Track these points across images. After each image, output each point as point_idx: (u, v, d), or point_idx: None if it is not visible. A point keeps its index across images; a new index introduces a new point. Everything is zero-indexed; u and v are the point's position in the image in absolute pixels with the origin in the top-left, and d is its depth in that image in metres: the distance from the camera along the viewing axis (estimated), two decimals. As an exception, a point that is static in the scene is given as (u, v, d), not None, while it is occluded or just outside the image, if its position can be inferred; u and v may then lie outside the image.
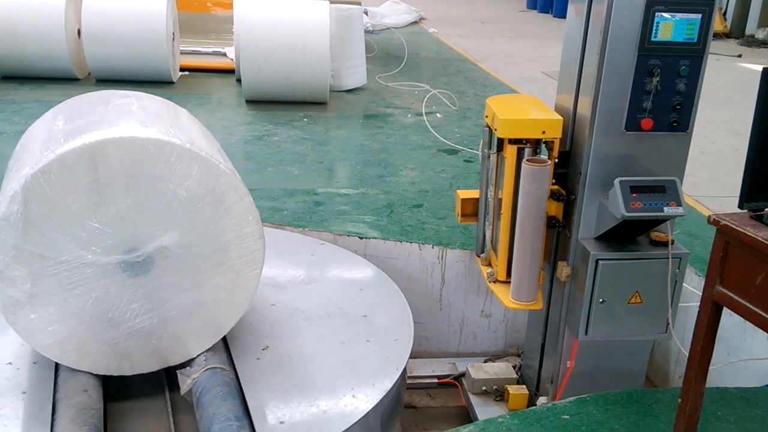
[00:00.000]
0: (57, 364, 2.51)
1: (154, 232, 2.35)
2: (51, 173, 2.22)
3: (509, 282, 3.02)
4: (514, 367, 3.70)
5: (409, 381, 3.41)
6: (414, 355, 2.90)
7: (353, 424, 2.36)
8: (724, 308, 2.04)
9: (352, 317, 3.08)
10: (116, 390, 2.57)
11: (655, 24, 2.54)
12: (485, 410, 3.45)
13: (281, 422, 2.37)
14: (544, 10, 19.29)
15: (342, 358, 2.77)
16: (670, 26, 2.55)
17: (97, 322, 2.41)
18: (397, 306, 3.21)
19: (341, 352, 2.81)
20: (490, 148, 3.03)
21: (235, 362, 2.68)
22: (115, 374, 2.52)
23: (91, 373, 2.48)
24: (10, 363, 2.58)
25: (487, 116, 3.03)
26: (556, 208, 2.95)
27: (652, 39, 2.55)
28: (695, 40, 2.58)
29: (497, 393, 3.55)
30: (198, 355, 2.60)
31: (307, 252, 3.74)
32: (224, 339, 2.75)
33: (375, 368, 2.72)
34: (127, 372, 2.53)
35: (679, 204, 2.58)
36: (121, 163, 2.27)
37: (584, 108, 2.77)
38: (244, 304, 2.63)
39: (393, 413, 2.75)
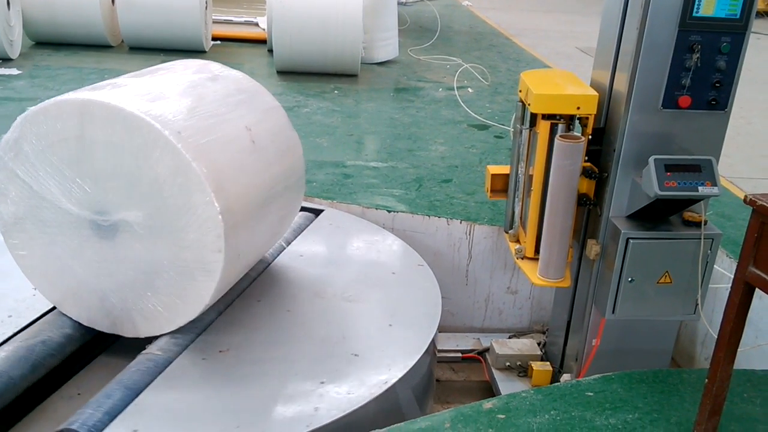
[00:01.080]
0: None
1: (121, 203, 2.40)
2: (46, 115, 2.35)
3: (537, 259, 3.01)
4: (539, 344, 3.70)
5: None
6: (439, 330, 2.92)
7: (380, 396, 2.39)
8: (755, 290, 2.01)
9: (380, 291, 3.10)
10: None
11: (697, -1, 2.48)
12: (508, 385, 3.46)
13: (312, 389, 2.41)
14: (581, -16, 18.91)
15: (370, 331, 2.79)
16: (712, 1, 2.49)
17: (63, 266, 2.56)
18: (426, 281, 3.22)
19: (369, 325, 2.83)
20: (522, 123, 3.01)
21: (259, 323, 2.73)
22: (76, 318, 2.66)
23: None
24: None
25: (520, 91, 2.99)
26: (587, 186, 2.92)
27: (694, 14, 2.49)
28: (738, 17, 2.52)
29: (521, 369, 3.57)
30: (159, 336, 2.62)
31: (335, 225, 3.76)
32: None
33: (403, 342, 2.74)
34: (84, 321, 2.66)
35: (714, 184, 2.54)
36: (103, 129, 2.32)
37: (621, 84, 2.72)
38: (193, 311, 2.52)
39: (424, 387, 2.78)
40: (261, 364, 2.53)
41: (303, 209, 3.78)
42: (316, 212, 3.86)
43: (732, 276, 2.06)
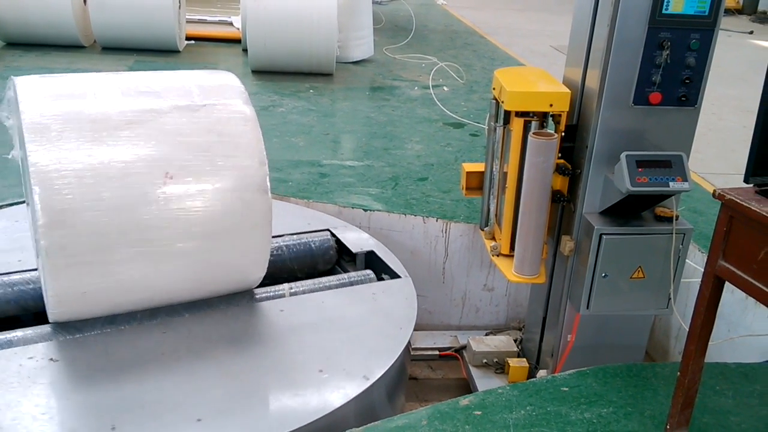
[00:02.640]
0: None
1: None
2: None
3: (512, 256, 3.03)
4: (515, 341, 3.72)
5: (411, 353, 3.43)
6: (416, 328, 2.91)
7: (356, 396, 2.38)
8: (726, 284, 2.04)
9: (355, 290, 3.09)
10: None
11: (666, -4, 2.51)
12: (485, 382, 3.48)
13: (285, 391, 2.39)
14: (555, -17, 19.05)
15: (345, 330, 2.78)
16: (681, -1, 2.52)
17: None
18: (399, 279, 3.21)
19: (344, 324, 2.82)
20: (496, 121, 3.02)
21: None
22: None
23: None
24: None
25: (494, 88, 3.01)
26: (561, 182, 2.94)
27: (664, 11, 2.52)
28: (707, 13, 2.55)
29: (498, 365, 3.58)
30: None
31: (309, 225, 3.74)
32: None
33: (379, 341, 2.73)
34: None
35: (685, 179, 2.57)
36: None
37: (592, 81, 2.75)
38: None
39: (397, 386, 2.78)
40: (226, 366, 2.51)
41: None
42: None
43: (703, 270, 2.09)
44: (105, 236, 2.36)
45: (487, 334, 3.91)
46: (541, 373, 3.27)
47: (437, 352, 3.83)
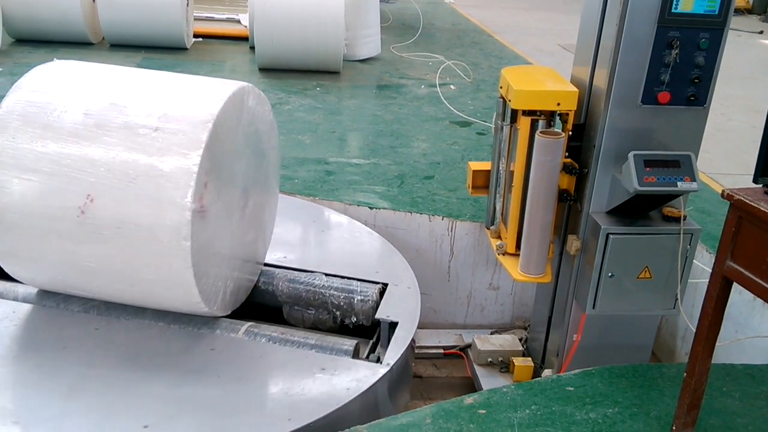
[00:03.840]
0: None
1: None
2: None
3: (518, 255, 3.02)
4: (520, 340, 3.71)
5: (415, 351, 3.43)
6: (421, 326, 2.92)
7: (361, 393, 2.38)
8: (734, 285, 2.03)
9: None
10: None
11: (676, -6, 2.49)
12: (490, 381, 3.47)
13: (290, 390, 2.39)
14: (563, -18, 18.98)
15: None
16: (691, -3, 2.50)
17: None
18: (404, 277, 3.21)
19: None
20: (503, 120, 3.01)
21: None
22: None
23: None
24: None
25: (501, 87, 3.00)
26: (568, 182, 2.93)
27: (673, 10, 2.50)
28: (716, 13, 2.53)
29: (502, 365, 3.57)
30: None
31: (316, 221, 3.74)
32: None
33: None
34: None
35: (693, 179, 2.55)
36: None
37: (601, 80, 2.73)
38: None
39: (401, 383, 2.77)
40: (236, 363, 2.51)
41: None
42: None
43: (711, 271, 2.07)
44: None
45: (492, 333, 3.89)
46: (546, 372, 3.26)
47: (442, 351, 3.83)
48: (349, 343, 2.65)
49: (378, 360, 2.59)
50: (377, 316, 2.83)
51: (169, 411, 2.23)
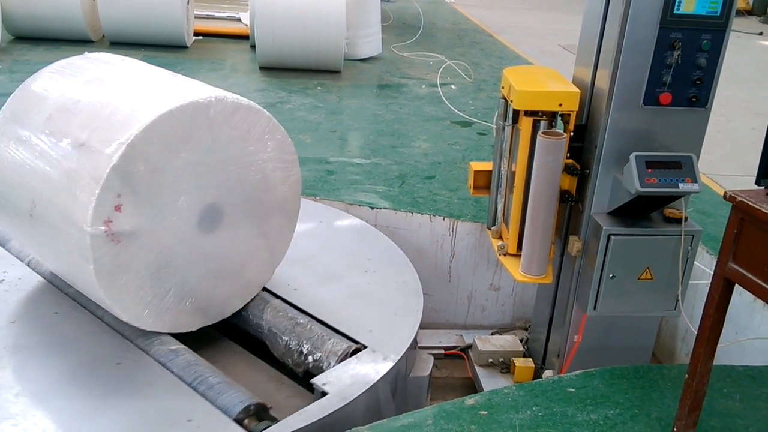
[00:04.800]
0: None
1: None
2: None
3: (520, 255, 3.02)
4: (521, 341, 3.71)
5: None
6: (422, 326, 2.92)
7: (362, 394, 2.38)
8: (735, 286, 2.03)
9: (362, 287, 3.09)
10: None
11: (678, -4, 2.49)
12: (491, 381, 3.47)
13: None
14: (564, -18, 18.97)
15: (351, 328, 2.78)
16: (693, -1, 2.50)
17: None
18: (407, 278, 3.21)
19: (350, 321, 2.82)
20: (505, 120, 3.01)
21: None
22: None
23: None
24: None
25: (503, 87, 3.00)
26: (569, 182, 2.93)
27: (675, 11, 2.50)
28: (718, 14, 2.54)
29: (503, 365, 3.57)
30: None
31: (318, 220, 3.74)
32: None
33: (385, 339, 2.73)
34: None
35: (694, 180, 2.55)
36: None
37: (602, 81, 2.73)
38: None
39: (404, 383, 2.77)
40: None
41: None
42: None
43: (712, 272, 2.07)
44: None
45: (493, 334, 3.90)
46: (547, 373, 3.26)
47: (443, 351, 3.83)
48: (242, 401, 2.26)
49: None
50: (313, 380, 2.46)
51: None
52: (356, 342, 2.68)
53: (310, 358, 2.61)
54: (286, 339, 2.69)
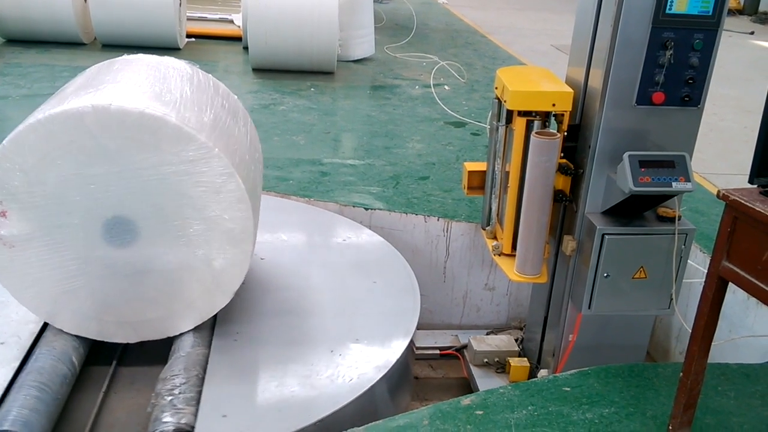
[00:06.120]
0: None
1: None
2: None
3: (514, 255, 3.02)
4: (516, 340, 3.72)
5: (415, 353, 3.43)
6: (417, 327, 2.92)
7: (360, 395, 2.38)
8: (728, 285, 2.04)
9: (358, 288, 3.09)
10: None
11: (670, -5, 2.50)
12: (486, 381, 3.47)
13: (290, 391, 2.39)
14: (556, -18, 19.02)
15: (348, 329, 2.78)
16: (685, -2, 2.51)
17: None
18: (404, 278, 3.21)
19: (347, 323, 2.82)
20: (498, 120, 3.02)
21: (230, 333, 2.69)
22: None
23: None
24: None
25: (496, 87, 3.00)
26: (563, 182, 2.93)
27: (667, 11, 2.51)
28: (710, 13, 2.55)
29: (498, 365, 3.58)
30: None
31: (313, 222, 3.74)
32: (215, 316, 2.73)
33: (382, 340, 2.73)
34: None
35: (687, 179, 2.57)
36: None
37: (595, 81, 2.74)
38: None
39: (401, 384, 2.77)
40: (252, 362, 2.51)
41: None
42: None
43: (705, 271, 2.08)
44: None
45: (488, 334, 3.90)
46: (542, 372, 3.27)
47: (438, 351, 3.83)
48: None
49: None
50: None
51: None
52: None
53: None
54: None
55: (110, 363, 2.71)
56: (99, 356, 2.72)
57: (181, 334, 2.65)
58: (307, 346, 2.66)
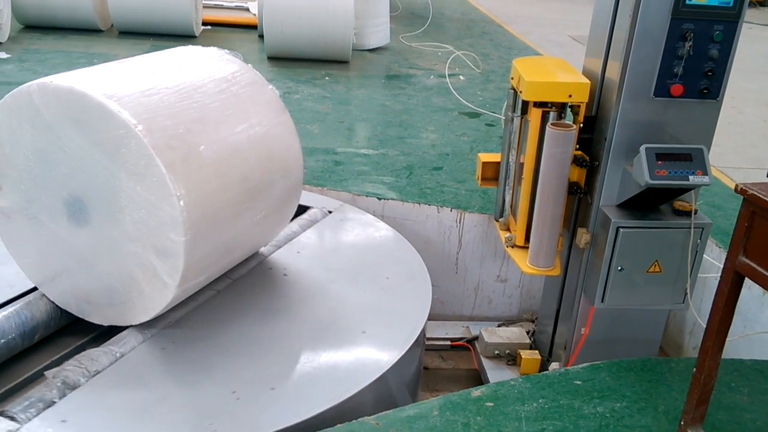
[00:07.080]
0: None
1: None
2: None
3: (527, 247, 3.01)
4: (528, 333, 3.71)
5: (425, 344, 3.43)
6: (428, 318, 2.91)
7: (370, 384, 2.38)
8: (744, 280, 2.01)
9: (370, 279, 3.09)
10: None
11: (690, -14, 2.47)
12: (497, 373, 3.47)
13: (303, 380, 2.40)
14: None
15: (359, 319, 2.78)
16: (705, -11, 2.47)
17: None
18: (416, 269, 3.21)
19: (358, 313, 2.82)
20: (514, 111, 2.99)
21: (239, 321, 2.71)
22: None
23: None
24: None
25: (512, 78, 2.98)
26: (578, 174, 2.91)
27: (687, 2, 2.48)
28: (731, 5, 2.51)
29: (509, 357, 3.57)
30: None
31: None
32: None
33: (393, 330, 2.73)
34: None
35: (705, 173, 2.53)
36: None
37: (613, 72, 2.71)
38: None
39: (411, 375, 2.77)
40: (246, 354, 2.52)
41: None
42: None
43: (721, 266, 2.06)
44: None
45: (499, 326, 3.89)
46: (554, 365, 3.25)
47: (449, 343, 3.83)
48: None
49: None
50: None
51: None
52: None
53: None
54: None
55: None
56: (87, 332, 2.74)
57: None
58: (313, 336, 2.66)
